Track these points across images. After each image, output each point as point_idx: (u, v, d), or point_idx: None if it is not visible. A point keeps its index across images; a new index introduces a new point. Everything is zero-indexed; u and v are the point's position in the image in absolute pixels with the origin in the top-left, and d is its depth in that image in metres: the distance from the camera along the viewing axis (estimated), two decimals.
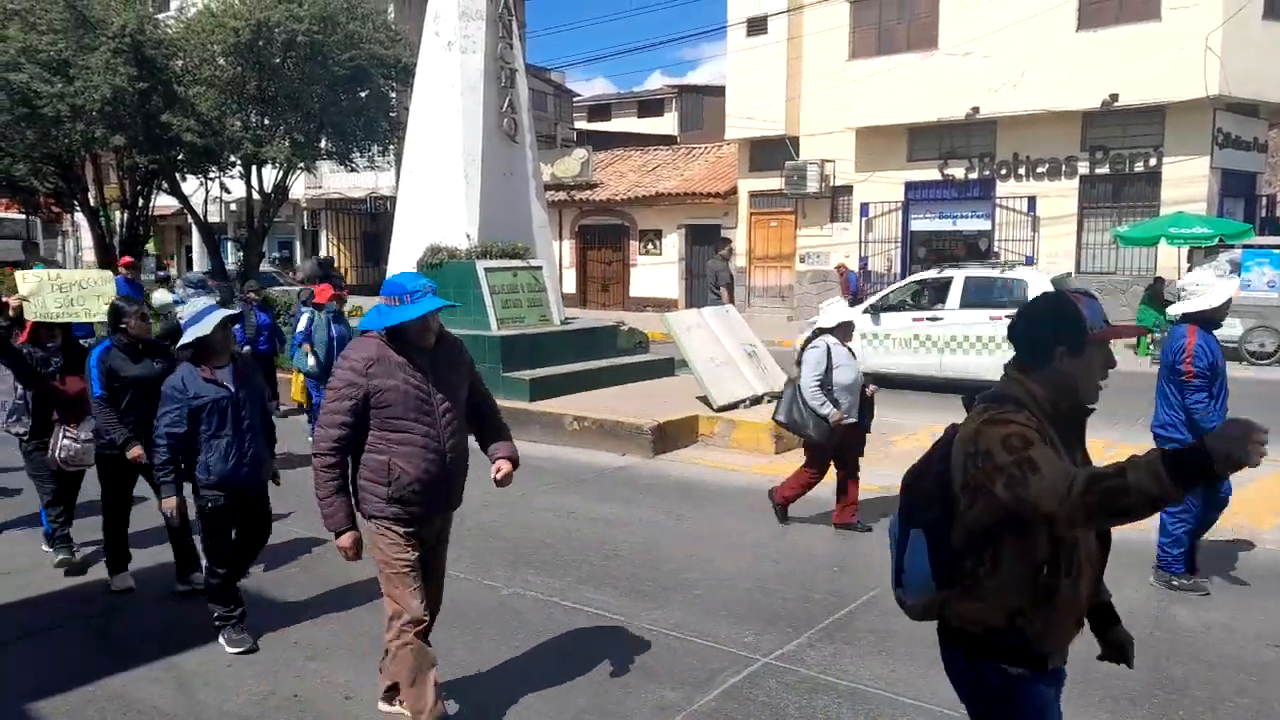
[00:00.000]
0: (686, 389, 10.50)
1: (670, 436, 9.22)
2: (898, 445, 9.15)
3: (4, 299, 5.81)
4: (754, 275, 23.36)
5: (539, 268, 12.42)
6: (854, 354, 6.79)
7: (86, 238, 27.32)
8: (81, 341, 6.40)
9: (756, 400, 10.05)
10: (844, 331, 6.71)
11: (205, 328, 4.65)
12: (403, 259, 12.66)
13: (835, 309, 6.85)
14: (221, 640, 4.82)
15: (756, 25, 21.84)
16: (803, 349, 6.71)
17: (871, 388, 6.95)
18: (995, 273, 12.92)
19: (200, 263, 28.36)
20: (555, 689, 4.33)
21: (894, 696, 4.26)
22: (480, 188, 12.25)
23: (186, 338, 4.67)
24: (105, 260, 21.03)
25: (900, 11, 19.81)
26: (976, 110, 18.53)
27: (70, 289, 6.08)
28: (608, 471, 8.50)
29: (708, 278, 14.56)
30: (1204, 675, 4.45)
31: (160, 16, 19.72)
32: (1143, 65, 16.55)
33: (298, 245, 32.15)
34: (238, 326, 10.81)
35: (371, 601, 5.01)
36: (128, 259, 14.81)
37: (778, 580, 5.73)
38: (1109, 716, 4.09)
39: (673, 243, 25.14)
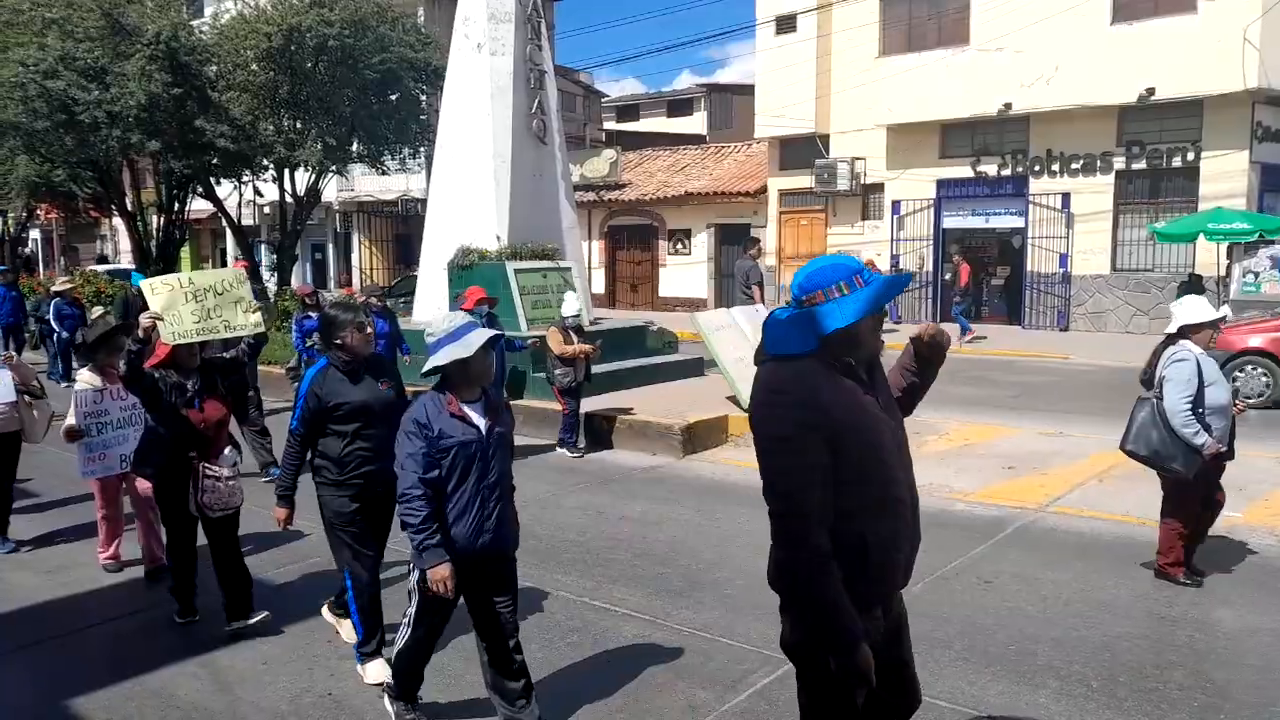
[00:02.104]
0: (716, 389, 10.48)
1: (700, 436, 9.20)
2: (929, 446, 9.06)
3: (144, 318, 4.77)
4: (784, 274, 23.25)
5: (568, 268, 12.45)
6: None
7: (125, 242, 27.70)
8: (224, 354, 5.53)
9: None
10: (1207, 333, 5.30)
11: (466, 348, 3.61)
12: (434, 261, 12.76)
13: (1195, 303, 5.38)
14: None
15: (785, 23, 21.73)
16: (1158, 356, 5.45)
17: (1240, 403, 5.73)
18: None
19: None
20: (586, 689, 4.33)
21: (930, 700, 4.22)
22: (510, 189, 12.30)
23: (440, 359, 3.65)
24: (142, 264, 21.38)
25: (931, 7, 19.62)
26: (1009, 106, 18.31)
27: (205, 297, 5.12)
28: (637, 471, 8.49)
29: (737, 277, 14.48)
30: (1249, 680, 4.37)
31: (194, 23, 20.00)
32: (1179, 58, 16.28)
33: (330, 248, 32.42)
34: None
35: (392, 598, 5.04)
36: (244, 263, 14.22)
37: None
38: None
39: (702, 242, 25.09)
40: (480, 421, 3.69)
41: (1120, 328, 17.92)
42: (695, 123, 39.55)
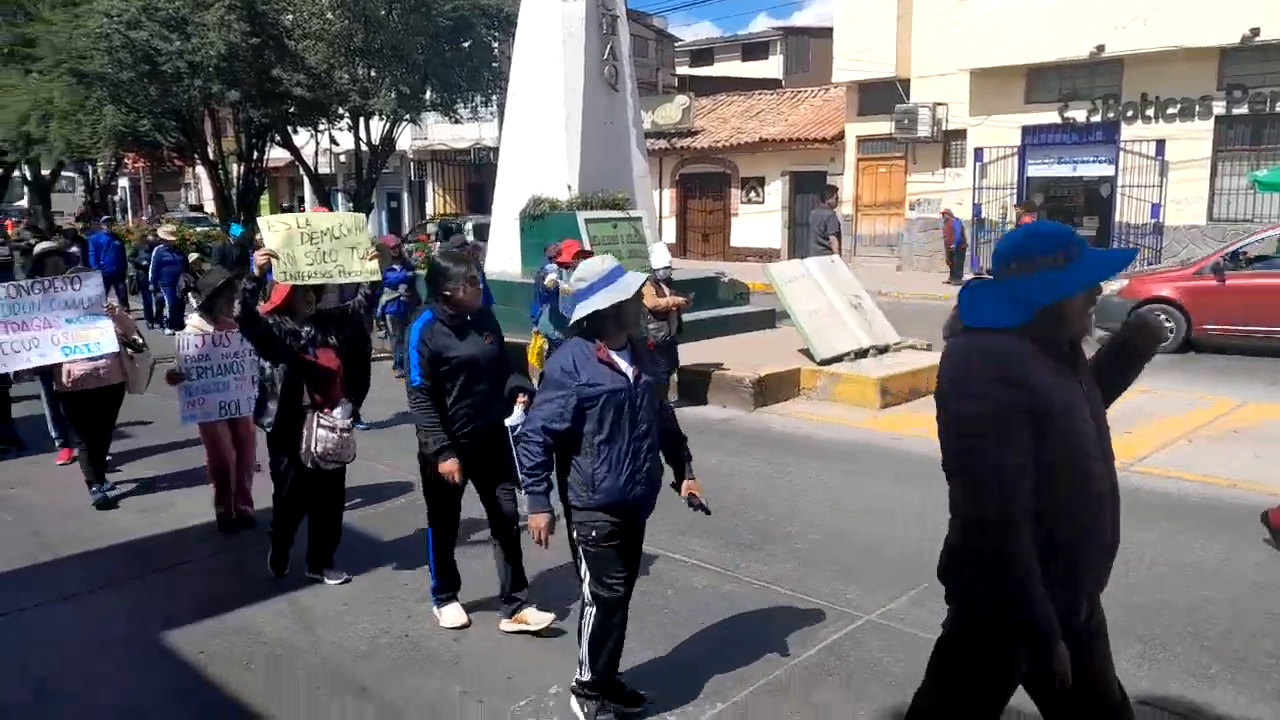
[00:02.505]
0: (788, 341, 10.35)
1: (772, 389, 9.12)
2: None
3: (259, 254, 4.72)
4: (861, 224, 22.79)
5: (639, 218, 12.36)
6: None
7: (207, 190, 28.39)
8: (347, 304, 5.34)
9: (862, 354, 9.84)
10: None
11: (622, 291, 3.46)
12: (505, 210, 12.79)
13: None
14: None
15: None
16: None
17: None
18: None
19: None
20: (655, 639, 4.36)
21: None
22: (581, 137, 12.22)
23: (596, 303, 3.46)
24: (224, 212, 21.91)
25: None
26: (1101, 49, 17.48)
27: (321, 239, 4.93)
28: (709, 424, 8.46)
29: (813, 227, 14.20)
30: None
31: None
32: None
33: (405, 196, 32.81)
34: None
35: (477, 546, 5.13)
36: (323, 209, 14.33)
37: (884, 537, 5.62)
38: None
39: (776, 190, 24.69)
40: (628, 369, 3.52)
41: None
42: (770, 67, 38.69)
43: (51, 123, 21.80)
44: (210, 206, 27.21)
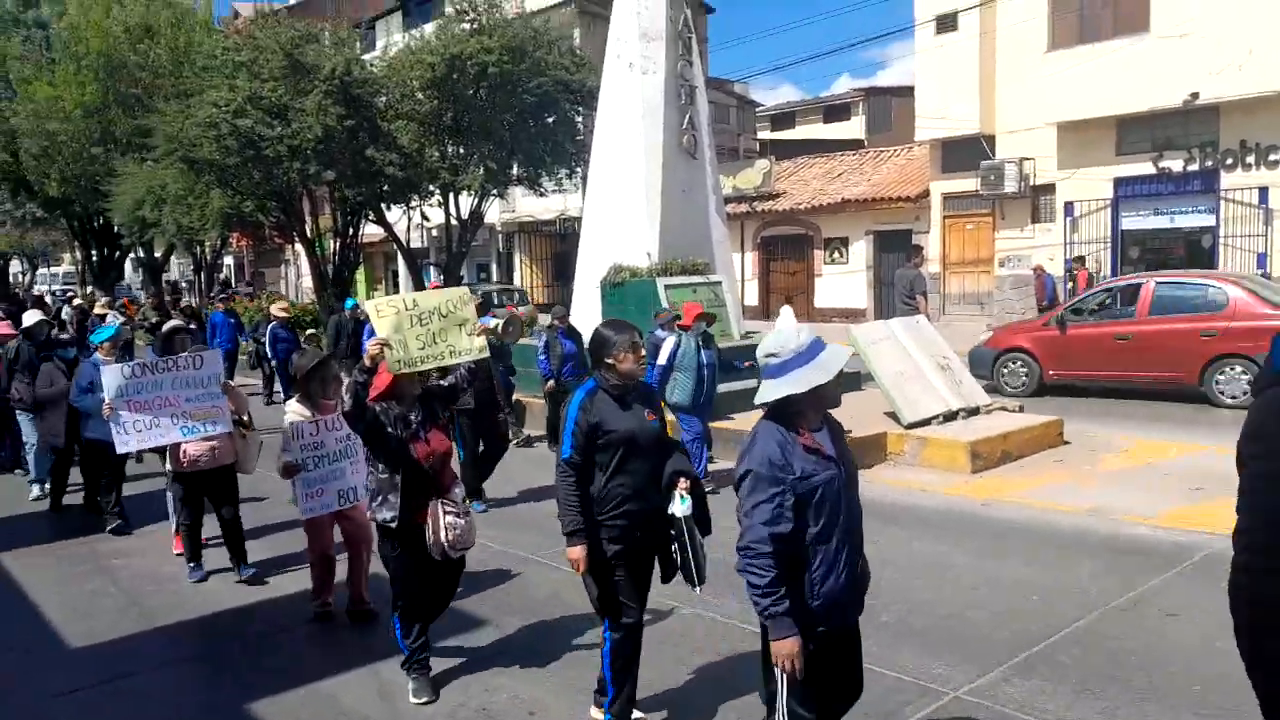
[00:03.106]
0: (874, 404, 10.14)
1: (857, 453, 8.86)
2: (1105, 464, 8.48)
3: (371, 344, 4.42)
4: (949, 281, 22.41)
5: (718, 282, 12.40)
6: None
7: (305, 266, 29.60)
8: (440, 382, 4.99)
9: (951, 416, 9.59)
10: None
11: (824, 372, 3.07)
12: (588, 278, 12.98)
13: None
14: None
15: (946, 22, 20.97)
16: None
17: None
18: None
19: (406, 286, 30.09)
20: (738, 712, 4.25)
21: None
22: (660, 205, 12.37)
23: (793, 385, 3.06)
24: (320, 286, 22.77)
25: None
26: (1196, 96, 17.02)
27: (430, 320, 4.67)
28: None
29: (899, 287, 14.04)
30: None
31: (366, 57, 21.17)
32: None
33: (494, 267, 33.61)
34: (543, 357, 10.42)
35: (561, 619, 5.11)
36: (435, 284, 13.77)
37: (973, 608, 5.41)
38: None
39: (860, 250, 24.51)
40: (832, 451, 3.14)
41: None
42: (853, 127, 38.76)
43: (164, 207, 23.17)
44: (308, 281, 28.30)
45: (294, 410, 5.60)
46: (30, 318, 9.47)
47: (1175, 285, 12.18)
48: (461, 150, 20.25)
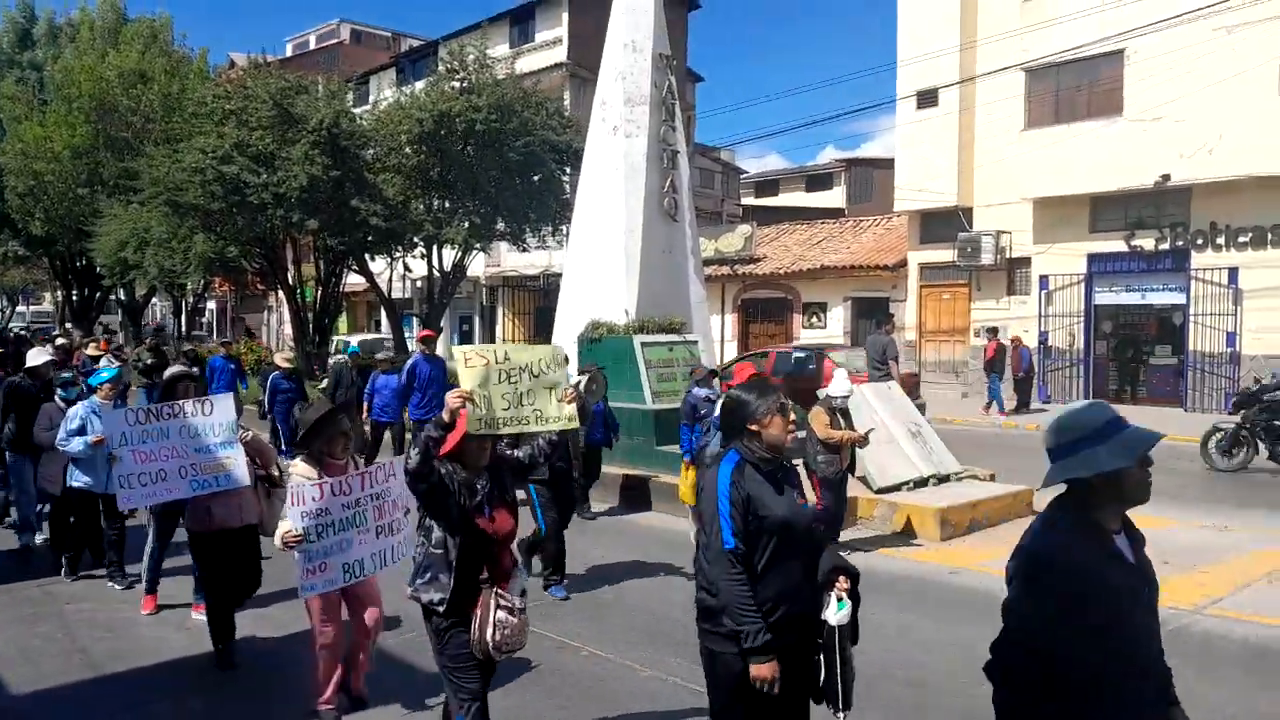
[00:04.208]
0: None
1: None
2: None
3: (453, 397, 3.81)
4: (925, 349, 22.62)
5: (694, 341, 12.45)
6: None
7: (287, 313, 29.57)
8: (514, 452, 4.37)
9: (921, 482, 9.60)
10: None
11: (1126, 454, 2.48)
12: (566, 333, 13.01)
13: None
14: None
15: (927, 97, 21.48)
16: None
17: None
18: None
19: (386, 337, 30.09)
20: None
21: None
22: (640, 264, 12.48)
23: (1092, 465, 2.47)
24: (301, 334, 22.74)
25: (1080, 79, 19.05)
26: (1167, 177, 17.45)
27: (519, 378, 4.10)
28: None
29: (870, 352, 14.13)
30: None
31: (357, 110, 21.44)
32: None
33: (476, 319, 33.68)
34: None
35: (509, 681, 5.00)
36: (428, 331, 12.56)
37: (938, 676, 5.36)
38: None
39: (838, 315, 24.75)
40: (1131, 557, 2.56)
41: None
42: (834, 197, 39.42)
43: (147, 249, 23.18)
44: (288, 328, 28.25)
45: (300, 472, 4.80)
46: (36, 357, 8.75)
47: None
48: (447, 204, 20.45)
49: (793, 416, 3.49)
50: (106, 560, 7.37)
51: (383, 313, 29.22)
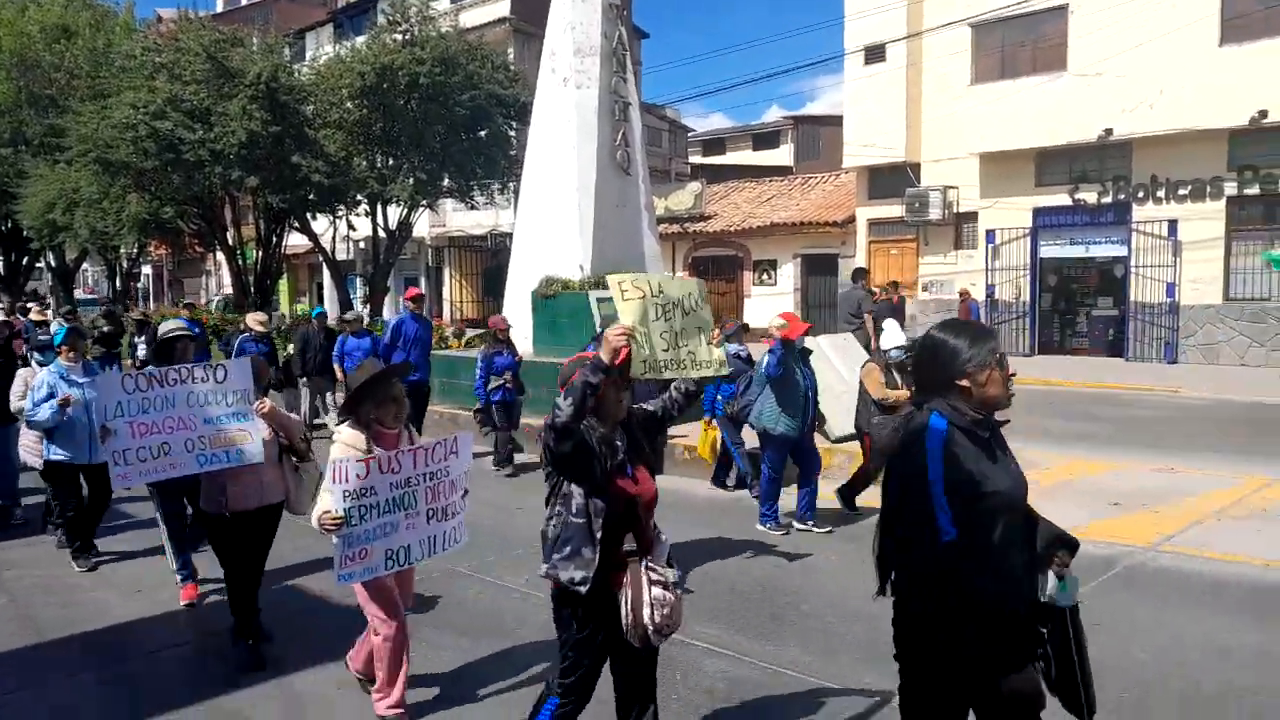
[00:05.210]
0: None
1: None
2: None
3: (605, 337, 3.21)
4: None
5: None
6: None
7: (227, 276, 28.81)
8: (646, 406, 3.69)
9: None
10: None
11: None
12: (519, 290, 12.84)
13: None
14: None
15: (874, 53, 21.45)
16: None
17: None
18: None
19: (331, 300, 29.49)
20: None
21: None
22: (593, 220, 12.33)
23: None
24: (242, 296, 22.16)
25: (1025, 34, 19.15)
26: (1110, 132, 17.67)
27: (673, 314, 3.63)
28: (719, 501, 8.26)
29: (842, 306, 14.24)
30: None
31: (296, 67, 20.77)
32: None
33: (423, 280, 33.17)
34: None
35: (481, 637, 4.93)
36: (417, 290, 12.21)
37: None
38: None
39: (788, 272, 24.83)
40: None
41: (1235, 360, 16.99)
42: (782, 155, 39.37)
43: (77, 211, 22.30)
44: (229, 290, 27.56)
45: (346, 441, 4.19)
46: None
47: None
48: (391, 161, 19.99)
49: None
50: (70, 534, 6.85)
51: (325, 274, 28.62)
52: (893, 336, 7.51)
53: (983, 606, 2.58)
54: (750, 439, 7.88)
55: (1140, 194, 18.15)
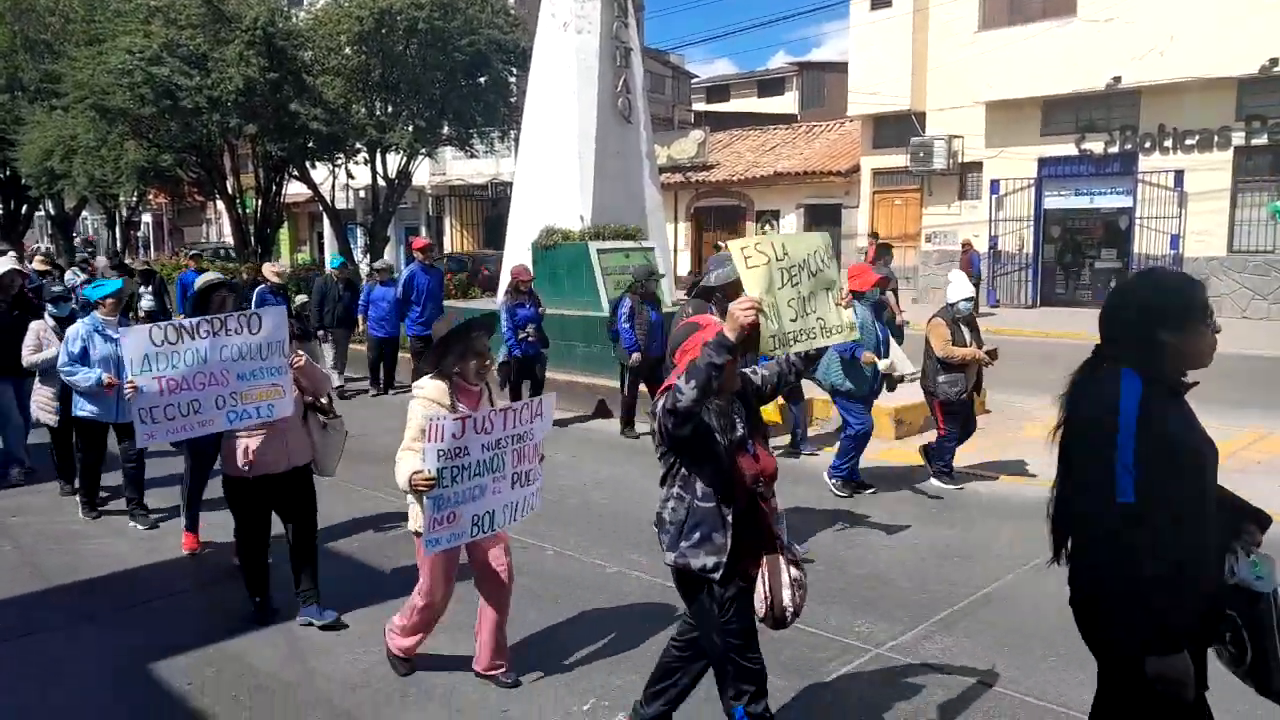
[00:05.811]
0: None
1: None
2: (1025, 432, 8.66)
3: (732, 312, 2.93)
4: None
5: (650, 249, 12.29)
6: None
7: (227, 225, 28.70)
8: (752, 369, 3.44)
9: None
10: None
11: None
12: (519, 241, 12.77)
13: None
14: None
15: None
16: None
17: None
18: None
19: (331, 248, 29.39)
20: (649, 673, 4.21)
21: (1013, 694, 3.98)
22: (594, 169, 12.21)
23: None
24: (242, 245, 22.08)
25: None
26: (1118, 80, 17.44)
27: (799, 277, 3.25)
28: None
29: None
30: None
31: (293, 12, 20.44)
32: None
33: (423, 230, 33.03)
34: (627, 326, 8.32)
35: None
36: (424, 240, 11.70)
37: (895, 569, 5.47)
38: None
39: (790, 223, 24.68)
40: None
41: (1237, 312, 16.96)
42: (786, 102, 38.88)
43: (75, 158, 22.10)
44: (229, 240, 27.46)
45: (430, 395, 3.95)
46: None
47: None
48: (390, 108, 19.75)
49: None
50: (126, 498, 6.64)
51: (325, 224, 28.47)
52: (960, 288, 6.92)
53: (1171, 579, 2.32)
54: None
55: (1147, 144, 17.97)
